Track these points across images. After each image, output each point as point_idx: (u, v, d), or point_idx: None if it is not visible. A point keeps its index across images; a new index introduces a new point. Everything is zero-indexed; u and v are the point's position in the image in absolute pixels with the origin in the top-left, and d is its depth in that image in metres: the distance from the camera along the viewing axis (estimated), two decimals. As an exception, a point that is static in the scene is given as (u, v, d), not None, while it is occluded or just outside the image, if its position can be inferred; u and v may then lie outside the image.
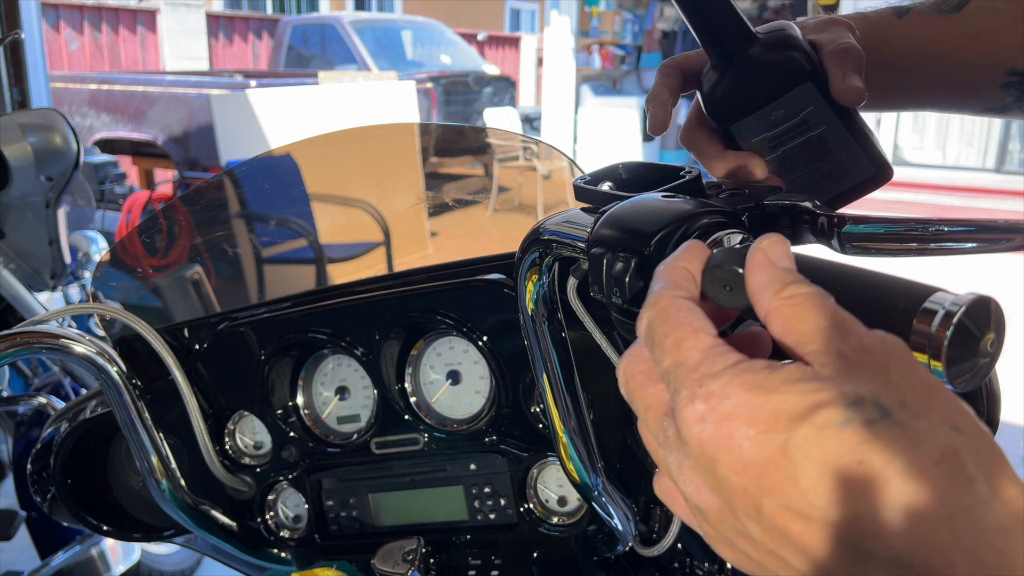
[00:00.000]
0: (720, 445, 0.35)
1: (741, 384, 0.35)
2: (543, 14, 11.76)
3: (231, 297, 1.30)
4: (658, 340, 0.39)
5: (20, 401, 2.18)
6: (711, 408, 0.35)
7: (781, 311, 0.37)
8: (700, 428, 0.35)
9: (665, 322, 0.39)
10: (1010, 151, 6.84)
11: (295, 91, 6.80)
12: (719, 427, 0.35)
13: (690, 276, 0.41)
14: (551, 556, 0.83)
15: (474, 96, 9.25)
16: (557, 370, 0.67)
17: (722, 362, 0.36)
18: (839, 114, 0.62)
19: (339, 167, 1.29)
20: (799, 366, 0.35)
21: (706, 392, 0.35)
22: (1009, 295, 3.58)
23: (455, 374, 0.85)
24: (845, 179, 0.64)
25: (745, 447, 0.34)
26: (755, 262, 0.39)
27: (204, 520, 0.95)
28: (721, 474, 0.35)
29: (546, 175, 1.92)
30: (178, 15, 11.52)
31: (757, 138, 0.62)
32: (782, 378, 0.34)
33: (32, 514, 2.10)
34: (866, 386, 0.33)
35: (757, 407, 0.34)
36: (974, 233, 0.47)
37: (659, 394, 0.39)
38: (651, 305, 0.40)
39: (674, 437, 0.37)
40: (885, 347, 0.35)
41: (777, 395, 0.34)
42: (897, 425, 0.32)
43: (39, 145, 2.21)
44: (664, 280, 0.41)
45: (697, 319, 0.38)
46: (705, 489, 0.36)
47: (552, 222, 0.60)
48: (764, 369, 0.35)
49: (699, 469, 0.36)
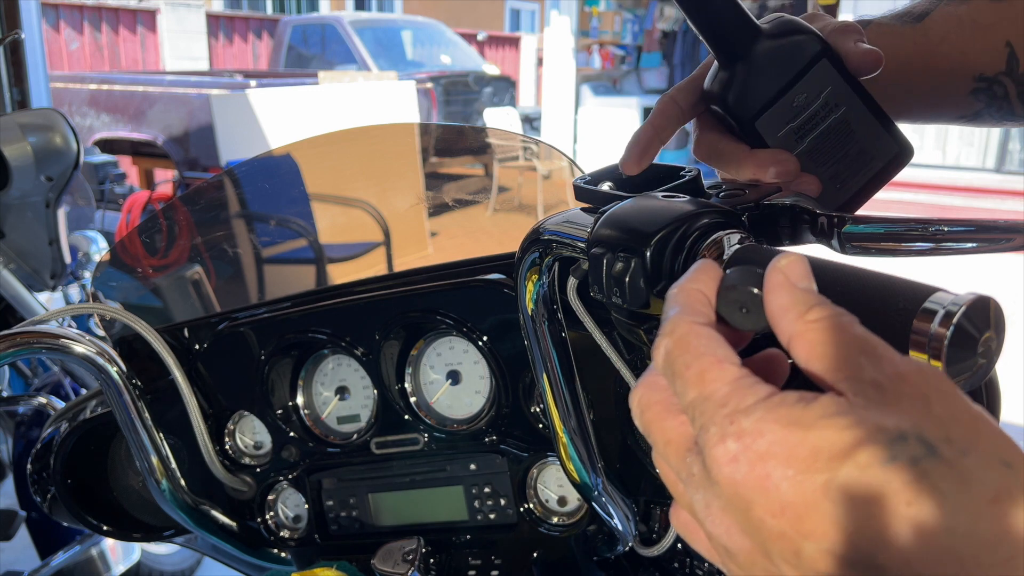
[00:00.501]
0: (755, 486, 0.33)
1: (776, 420, 0.33)
2: (543, 14, 11.77)
3: (231, 297, 1.30)
4: (679, 371, 0.37)
5: (20, 401, 2.18)
6: (745, 447, 0.33)
7: (806, 336, 0.35)
8: (733, 468, 0.33)
9: (685, 351, 0.37)
10: (1010, 151, 6.84)
11: (295, 91, 6.81)
12: (754, 467, 0.33)
13: (705, 299, 0.39)
14: (551, 556, 0.83)
15: (474, 96, 9.26)
16: (557, 370, 0.67)
17: (753, 395, 0.34)
18: (857, 92, 0.61)
19: (339, 167, 1.29)
20: (833, 398, 0.33)
21: (738, 430, 0.33)
22: (1009, 295, 3.58)
23: (455, 374, 0.85)
24: (872, 163, 0.63)
25: (783, 488, 0.32)
26: (774, 283, 0.37)
27: (204, 520, 0.95)
28: (756, 516, 0.33)
29: (546, 175, 1.92)
30: (178, 15, 11.52)
31: (783, 131, 0.61)
32: (818, 412, 0.32)
33: (32, 514, 2.10)
34: (907, 419, 0.31)
35: (794, 445, 0.32)
36: (974, 233, 0.47)
37: (680, 427, 0.37)
38: (668, 333, 0.38)
39: (700, 475, 0.35)
40: (923, 375, 0.33)
41: (815, 431, 0.32)
42: (944, 463, 0.30)
43: (39, 145, 2.21)
44: (679, 305, 0.39)
45: (720, 348, 0.37)
46: (736, 531, 0.35)
47: (552, 222, 0.60)
48: (798, 403, 0.33)
49: (730, 510, 0.34)
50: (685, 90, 0.64)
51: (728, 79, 0.61)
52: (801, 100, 0.60)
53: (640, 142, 0.62)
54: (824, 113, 0.61)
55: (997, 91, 0.69)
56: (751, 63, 0.60)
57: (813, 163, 0.62)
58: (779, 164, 0.59)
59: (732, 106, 0.61)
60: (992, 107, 0.70)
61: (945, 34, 0.67)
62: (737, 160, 0.61)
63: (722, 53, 0.60)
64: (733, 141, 0.62)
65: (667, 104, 0.64)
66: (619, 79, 10.59)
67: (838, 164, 0.63)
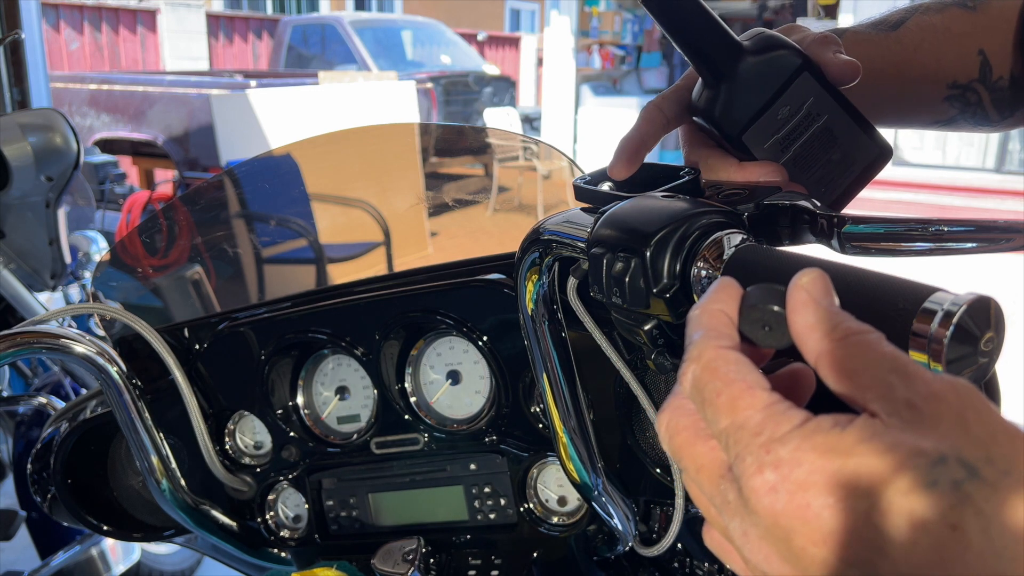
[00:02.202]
0: (795, 516, 0.32)
1: (812, 449, 0.32)
2: (543, 14, 11.76)
3: (231, 297, 1.30)
4: (709, 399, 0.36)
5: (20, 401, 2.18)
6: (783, 477, 0.32)
7: (834, 355, 0.34)
8: (772, 499, 0.33)
9: (714, 378, 0.36)
10: (1010, 151, 6.83)
11: (295, 91, 6.81)
12: (793, 497, 0.32)
13: (728, 320, 0.39)
14: (551, 556, 0.83)
15: (474, 96, 9.26)
16: (557, 370, 0.67)
17: (787, 423, 0.33)
18: (838, 100, 0.63)
19: (339, 167, 1.29)
20: (868, 421, 0.32)
21: (775, 459, 0.33)
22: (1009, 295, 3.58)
23: (455, 374, 0.85)
24: (853, 166, 0.65)
25: (824, 517, 0.31)
26: (798, 301, 0.36)
27: (204, 520, 0.95)
28: (798, 545, 0.32)
29: (546, 175, 1.92)
30: (178, 15, 11.52)
31: (769, 142, 0.63)
32: (855, 438, 0.32)
33: (32, 514, 2.11)
34: (946, 441, 0.31)
35: (833, 473, 0.31)
36: (974, 233, 0.47)
37: (711, 452, 0.36)
38: (695, 359, 0.37)
39: (736, 502, 0.35)
40: (958, 394, 0.32)
41: (853, 458, 0.31)
42: (987, 485, 0.30)
43: (39, 145, 2.21)
44: (703, 328, 0.38)
45: (749, 373, 0.36)
46: (776, 559, 0.34)
47: (552, 222, 0.60)
48: (834, 428, 0.33)
49: (770, 539, 0.34)
50: (670, 99, 0.65)
51: (713, 96, 0.62)
52: (785, 112, 0.62)
53: (627, 149, 0.63)
54: (807, 123, 0.63)
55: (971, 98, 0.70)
56: (735, 81, 0.61)
57: (798, 170, 0.64)
58: (768, 176, 0.61)
59: (719, 122, 0.63)
60: (967, 113, 0.72)
61: (920, 42, 0.69)
62: (727, 172, 0.63)
63: (707, 72, 0.62)
64: (721, 154, 0.64)
65: (652, 112, 0.64)
66: (619, 79, 10.59)
67: (822, 169, 0.65)
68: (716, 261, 0.48)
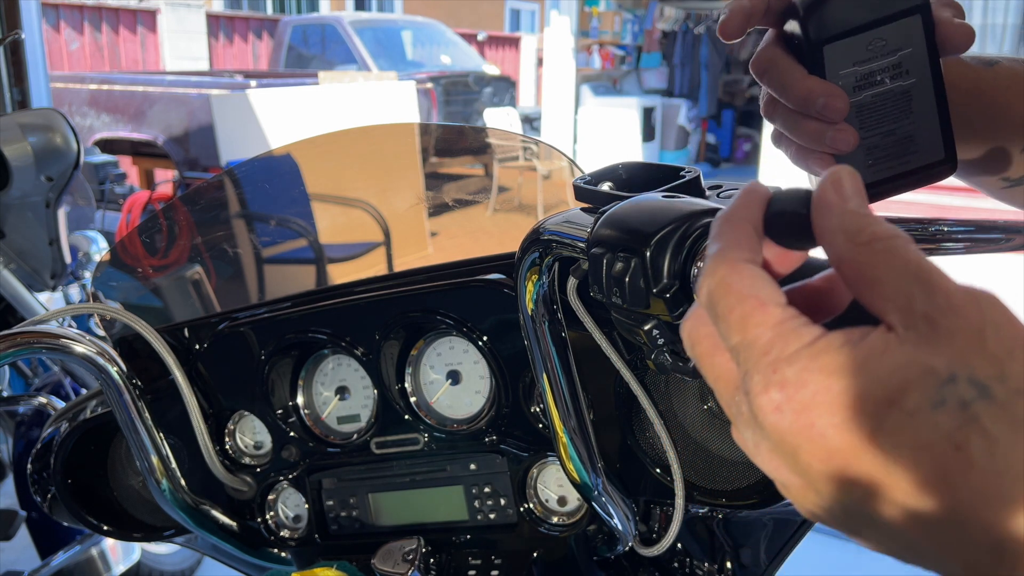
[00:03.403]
0: (800, 434, 0.32)
1: (819, 369, 0.32)
2: (543, 14, 11.77)
3: (231, 297, 1.30)
4: (722, 314, 0.35)
5: (20, 401, 2.18)
6: (788, 397, 0.32)
7: (856, 260, 0.33)
8: (777, 417, 0.33)
9: (728, 293, 0.35)
10: (1010, 151, 6.83)
11: (295, 91, 6.80)
12: (799, 417, 0.32)
13: (751, 230, 0.37)
14: (551, 556, 0.83)
15: (474, 96, 9.25)
16: (557, 370, 0.67)
17: (796, 341, 0.33)
18: (933, 70, 0.58)
19: (339, 167, 1.29)
20: (882, 337, 0.32)
21: (781, 379, 0.33)
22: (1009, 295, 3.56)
23: (455, 374, 0.85)
24: (911, 156, 0.61)
25: (829, 435, 0.32)
26: (824, 202, 0.35)
27: (204, 520, 0.95)
28: (804, 461, 0.33)
29: (546, 175, 1.92)
30: (178, 15, 11.52)
31: (847, 69, 0.58)
32: (864, 355, 0.32)
33: (32, 514, 2.11)
34: (958, 358, 0.30)
35: (839, 393, 0.31)
36: (974, 233, 0.47)
37: (727, 364, 0.36)
38: (710, 273, 0.36)
39: (748, 415, 0.35)
40: (978, 306, 0.31)
41: (860, 378, 0.31)
42: (996, 404, 0.29)
43: (39, 145, 2.21)
44: (723, 240, 0.37)
45: (763, 287, 0.35)
46: (785, 470, 0.34)
47: (552, 222, 0.60)
48: (843, 347, 0.32)
49: (779, 453, 0.34)
50: None
51: None
52: (877, 46, 0.57)
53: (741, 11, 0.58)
54: (893, 73, 0.58)
55: None
56: None
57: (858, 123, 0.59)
58: (829, 98, 0.56)
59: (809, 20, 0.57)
60: None
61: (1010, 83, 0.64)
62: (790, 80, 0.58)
63: None
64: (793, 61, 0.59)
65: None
66: (619, 79, 10.59)
67: (881, 138, 0.60)
68: None
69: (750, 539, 0.80)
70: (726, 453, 0.70)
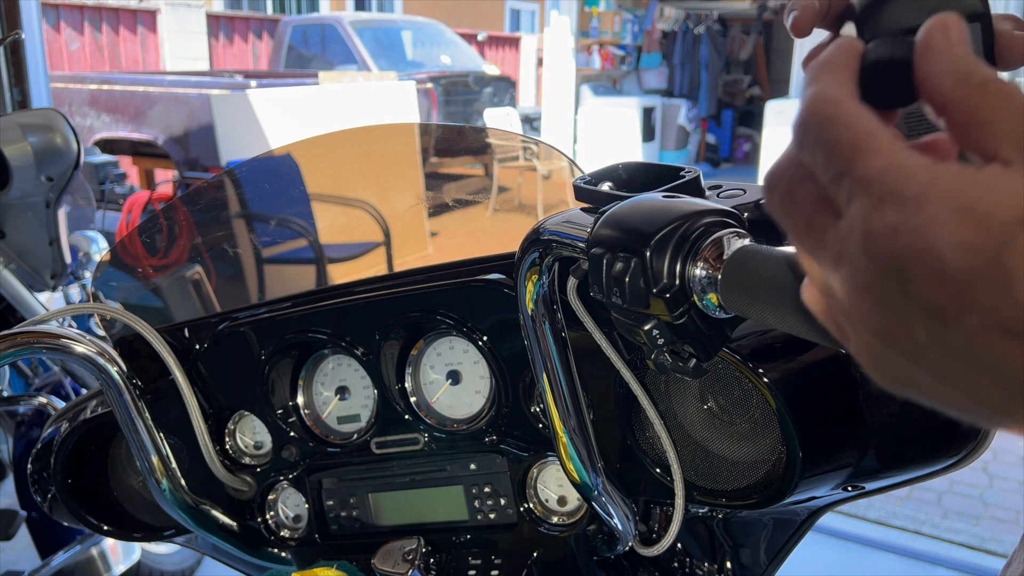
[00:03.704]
0: (915, 258, 0.30)
1: (939, 190, 0.30)
2: (543, 14, 11.76)
3: (231, 297, 1.30)
4: (824, 143, 0.34)
5: (20, 401, 2.18)
6: (905, 217, 0.31)
7: (967, 101, 0.32)
8: (891, 241, 0.31)
9: (832, 124, 0.34)
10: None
11: (295, 91, 6.81)
12: (915, 238, 0.30)
13: (849, 75, 0.36)
14: (551, 556, 0.83)
15: (474, 96, 9.25)
16: (557, 370, 0.67)
17: (911, 164, 0.32)
18: None
19: (339, 167, 1.29)
20: (1002, 168, 0.31)
21: (898, 200, 0.31)
22: None
23: (455, 374, 0.85)
24: None
25: (948, 258, 0.30)
26: (931, 47, 0.33)
27: (204, 520, 0.95)
28: (912, 290, 0.31)
29: (546, 175, 1.92)
30: (178, 15, 11.52)
31: None
32: (988, 180, 0.30)
33: (32, 514, 2.11)
34: None
35: (961, 213, 0.30)
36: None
37: (819, 203, 0.35)
38: (808, 108, 0.35)
39: (844, 251, 0.33)
40: None
41: (985, 200, 0.30)
42: None
43: (39, 145, 2.21)
44: (820, 82, 0.36)
45: (868, 120, 0.34)
46: (876, 313, 0.33)
47: (552, 222, 0.60)
48: (961, 172, 0.31)
49: (877, 287, 0.32)
50: None
51: None
52: None
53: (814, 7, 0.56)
54: None
55: None
56: None
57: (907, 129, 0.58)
58: None
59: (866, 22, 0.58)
60: None
61: None
62: None
63: None
64: None
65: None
66: (619, 79, 10.60)
67: None
68: (716, 261, 0.48)
69: (750, 539, 0.81)
70: (726, 453, 0.70)
